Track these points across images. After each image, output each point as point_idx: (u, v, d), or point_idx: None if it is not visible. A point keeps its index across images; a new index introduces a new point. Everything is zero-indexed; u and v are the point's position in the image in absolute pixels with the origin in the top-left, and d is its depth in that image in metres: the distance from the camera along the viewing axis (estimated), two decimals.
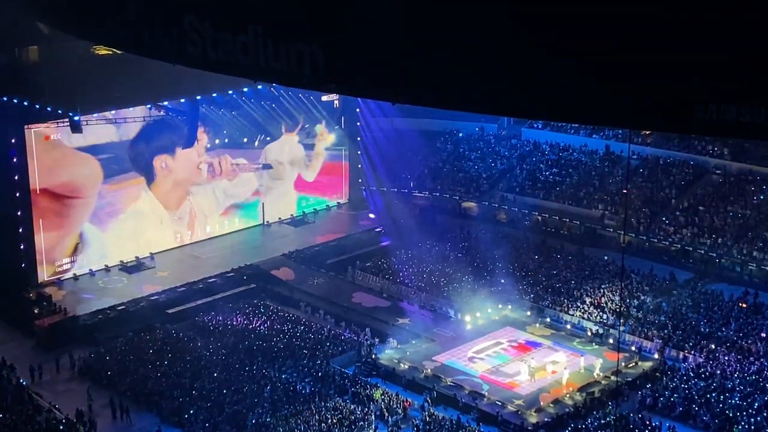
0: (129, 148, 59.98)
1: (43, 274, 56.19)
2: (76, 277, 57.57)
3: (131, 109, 58.26)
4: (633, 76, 13.13)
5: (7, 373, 45.81)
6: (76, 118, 53.91)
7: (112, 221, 59.63)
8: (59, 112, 53.57)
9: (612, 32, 13.07)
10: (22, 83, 53.84)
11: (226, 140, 65.11)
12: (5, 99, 52.80)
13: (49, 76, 54.08)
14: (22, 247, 54.99)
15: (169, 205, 62.82)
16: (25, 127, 54.08)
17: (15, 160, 53.84)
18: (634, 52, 12.99)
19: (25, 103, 53.11)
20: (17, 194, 54.27)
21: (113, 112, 57.13)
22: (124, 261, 59.75)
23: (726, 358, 47.35)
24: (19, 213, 54.56)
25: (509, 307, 54.55)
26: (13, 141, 53.69)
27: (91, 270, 58.30)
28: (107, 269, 58.94)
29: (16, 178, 54.07)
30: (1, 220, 54.83)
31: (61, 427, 40.62)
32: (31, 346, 51.34)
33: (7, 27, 53.64)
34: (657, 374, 47.18)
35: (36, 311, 53.01)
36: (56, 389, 46.92)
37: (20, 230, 54.77)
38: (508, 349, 50.09)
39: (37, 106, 53.16)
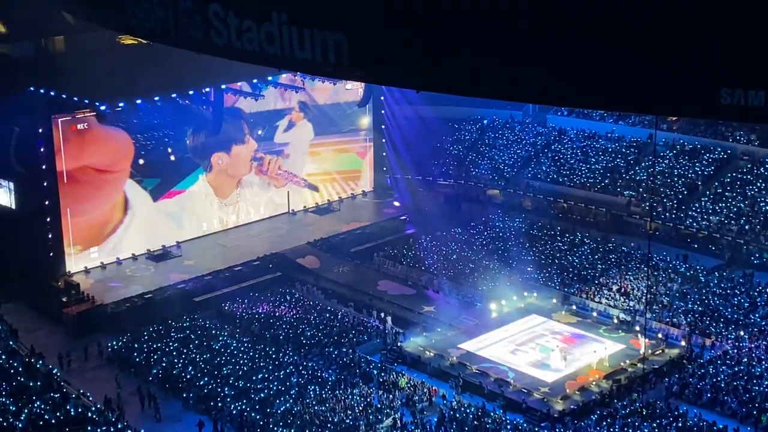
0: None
1: (71, 262, 56.59)
2: (103, 266, 57.97)
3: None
4: (660, 62, 13.06)
5: (36, 361, 46.21)
6: (102, 107, 54.27)
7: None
8: (85, 102, 53.89)
9: (640, 18, 13.01)
10: (48, 73, 54.17)
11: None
12: (32, 89, 53.13)
13: (74, 66, 54.37)
14: (50, 236, 55.41)
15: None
16: (52, 117, 54.37)
17: (42, 149, 54.18)
18: (662, 37, 12.91)
19: (52, 93, 53.43)
20: (45, 184, 54.64)
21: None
22: (151, 249, 60.09)
23: (754, 344, 47.07)
24: (47, 202, 54.96)
25: (534, 294, 54.44)
26: (40, 131, 54.02)
27: (118, 258, 58.67)
28: (134, 258, 59.30)
29: (44, 167, 54.43)
30: (30, 210, 55.32)
31: (90, 414, 40.94)
32: (59, 334, 51.86)
33: (33, 17, 54.09)
34: (684, 361, 47.00)
35: (64, 299, 53.49)
36: (84, 377, 47.37)
37: (48, 219, 55.19)
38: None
39: (64, 96, 53.49)
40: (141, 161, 59.67)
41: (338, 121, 70.52)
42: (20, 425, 37.84)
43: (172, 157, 61.35)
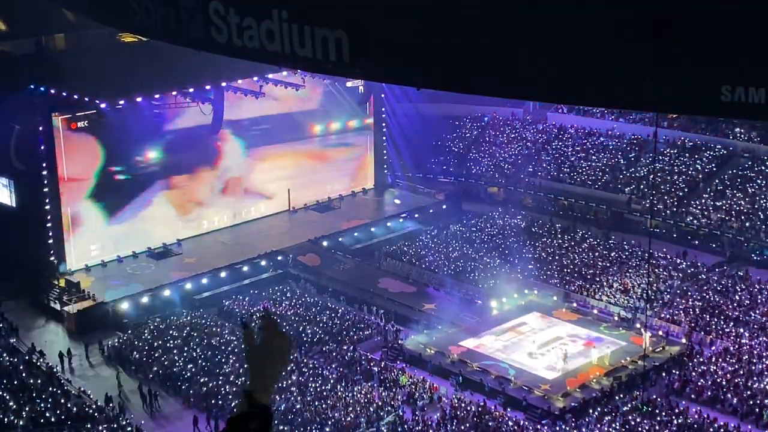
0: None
1: (72, 260, 56.58)
2: (104, 264, 57.97)
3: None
4: (661, 59, 13.05)
5: (37, 359, 46.28)
6: (103, 105, 54.26)
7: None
8: (86, 99, 53.87)
9: (641, 15, 13.00)
10: (48, 71, 54.16)
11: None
12: (32, 87, 53.12)
13: (75, 64, 54.36)
14: (51, 234, 55.43)
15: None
16: (53, 115, 54.35)
17: (42, 147, 54.17)
18: (661, 35, 12.90)
19: (52, 91, 53.41)
20: (45, 182, 54.65)
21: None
22: (152, 247, 60.08)
23: (754, 341, 47.10)
24: (47, 200, 54.97)
25: (535, 292, 54.45)
26: (40, 129, 54.01)
27: (119, 256, 58.66)
28: (135, 255, 59.29)
29: (44, 165, 54.43)
30: (30, 208, 55.33)
31: (91, 413, 41.00)
32: (60, 332, 51.88)
33: (34, 15, 54.08)
34: (684, 358, 47.00)
35: (65, 297, 53.50)
36: (85, 375, 47.44)
37: (49, 218, 55.21)
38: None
39: (64, 94, 53.47)
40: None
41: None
42: (21, 423, 37.92)
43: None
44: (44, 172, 54.53)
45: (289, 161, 67.87)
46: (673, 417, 41.17)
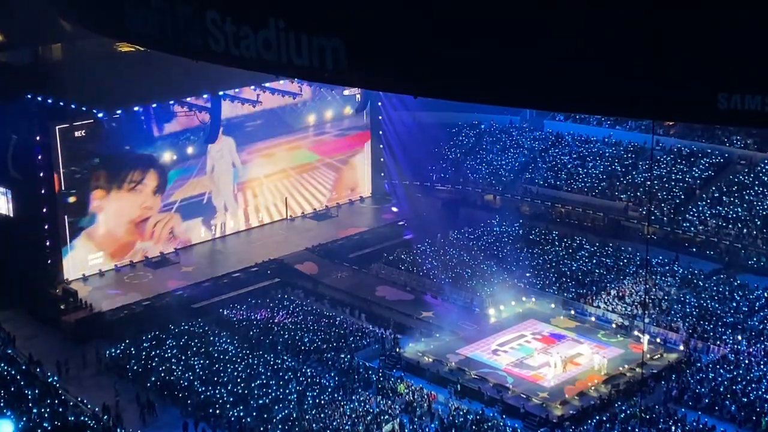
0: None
1: (69, 269, 56.49)
2: (101, 273, 57.87)
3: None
4: (658, 67, 13.09)
5: (34, 368, 46.16)
6: (100, 115, 54.27)
7: None
8: (83, 109, 53.87)
9: (637, 24, 13.04)
10: (45, 81, 54.16)
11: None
12: (29, 97, 53.12)
13: (72, 74, 54.38)
14: (47, 243, 55.37)
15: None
16: (50, 124, 54.29)
17: (40, 157, 54.13)
18: (659, 42, 12.94)
19: (49, 101, 53.41)
20: (42, 191, 54.60)
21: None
22: (149, 256, 60.00)
23: (752, 348, 47.10)
24: (44, 210, 54.92)
25: (533, 299, 54.44)
26: (38, 138, 53.98)
27: (116, 266, 58.60)
28: (132, 265, 59.22)
29: (41, 175, 54.40)
30: (27, 217, 55.27)
31: (88, 422, 40.88)
32: (57, 341, 51.77)
33: (31, 25, 54.12)
34: (682, 366, 46.99)
35: (62, 307, 53.42)
36: (83, 384, 47.32)
37: (46, 227, 55.15)
38: (531, 341, 49.94)
39: (61, 104, 53.48)
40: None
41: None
42: None
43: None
44: (42, 182, 54.48)
45: (286, 167, 68.04)
46: (672, 424, 41.16)
